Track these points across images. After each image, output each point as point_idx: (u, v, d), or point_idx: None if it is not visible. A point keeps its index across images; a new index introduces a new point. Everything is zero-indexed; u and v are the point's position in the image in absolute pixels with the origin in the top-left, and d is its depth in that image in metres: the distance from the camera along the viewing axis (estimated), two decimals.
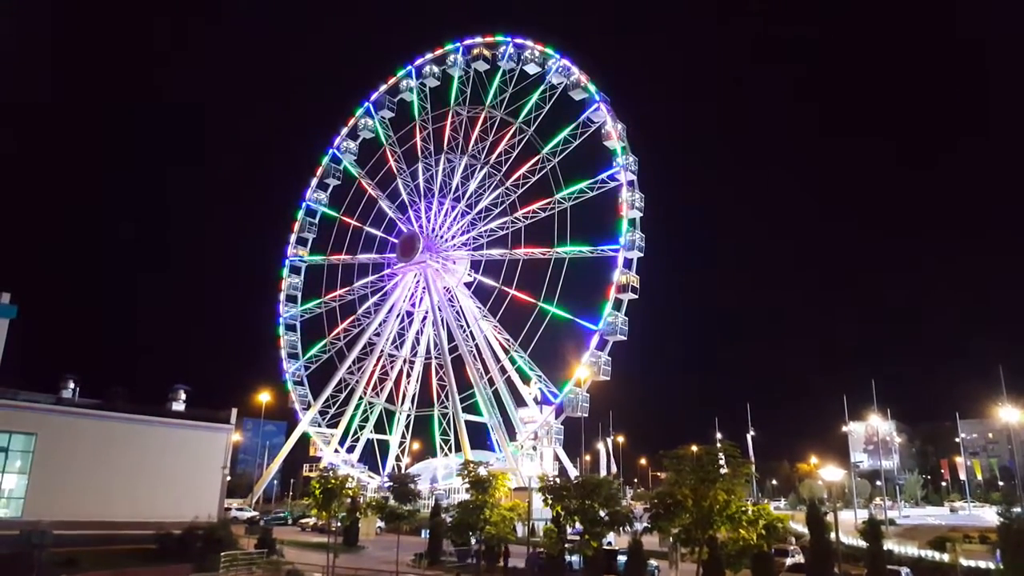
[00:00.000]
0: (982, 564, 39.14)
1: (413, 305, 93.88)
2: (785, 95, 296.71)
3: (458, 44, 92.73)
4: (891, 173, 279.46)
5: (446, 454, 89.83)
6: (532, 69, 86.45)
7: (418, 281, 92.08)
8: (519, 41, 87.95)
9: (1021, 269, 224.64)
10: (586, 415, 79.40)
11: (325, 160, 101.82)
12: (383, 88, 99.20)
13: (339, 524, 42.74)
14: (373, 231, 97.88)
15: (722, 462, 28.35)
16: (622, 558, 41.11)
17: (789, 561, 38.94)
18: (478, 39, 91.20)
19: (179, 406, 52.80)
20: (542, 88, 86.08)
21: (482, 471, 36.49)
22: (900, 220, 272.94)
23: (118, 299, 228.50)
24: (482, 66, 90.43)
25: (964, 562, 38.26)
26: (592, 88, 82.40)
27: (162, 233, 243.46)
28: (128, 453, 46.21)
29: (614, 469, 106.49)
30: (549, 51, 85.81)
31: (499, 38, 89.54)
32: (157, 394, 56.10)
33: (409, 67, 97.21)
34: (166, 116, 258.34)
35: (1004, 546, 28.88)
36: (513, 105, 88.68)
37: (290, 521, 78.98)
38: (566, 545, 38.36)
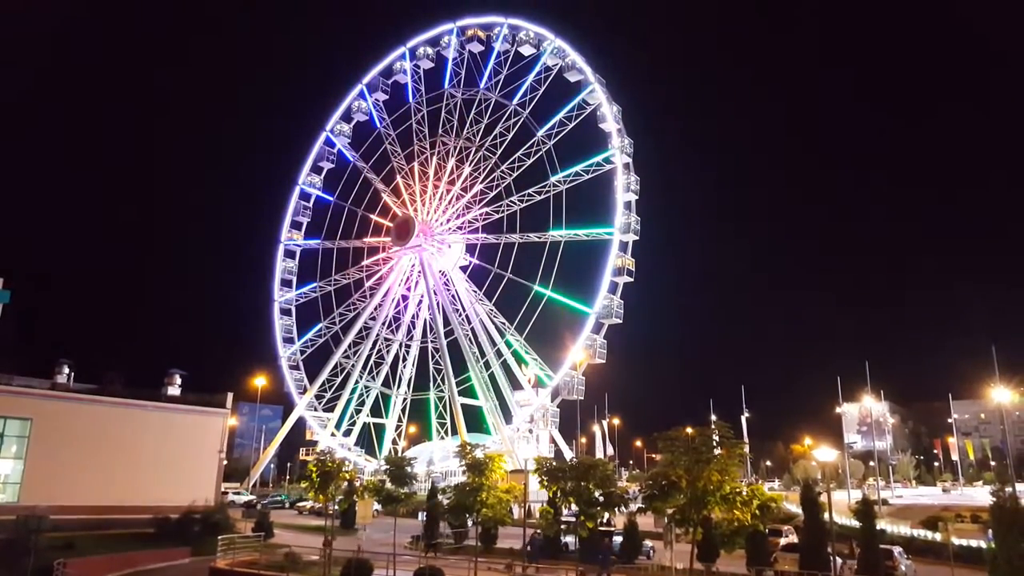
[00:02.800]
0: (974, 543, 39.59)
1: (408, 289, 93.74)
2: (783, 76, 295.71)
3: (452, 25, 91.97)
4: (884, 149, 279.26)
5: (442, 437, 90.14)
6: (527, 50, 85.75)
7: (413, 265, 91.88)
8: (513, 22, 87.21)
9: (1014, 251, 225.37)
10: (582, 398, 79.73)
11: (319, 143, 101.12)
12: (376, 70, 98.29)
13: (336, 507, 42.87)
14: (368, 215, 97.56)
15: (716, 443, 28.44)
16: (617, 539, 41.47)
17: (783, 541, 39.28)
18: (472, 20, 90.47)
19: (174, 391, 52.78)
20: (537, 70, 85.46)
21: (479, 453, 36.53)
22: (893, 200, 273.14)
23: (112, 284, 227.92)
24: (476, 48, 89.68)
25: (956, 541, 38.66)
26: (587, 69, 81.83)
27: (156, 218, 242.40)
28: (124, 438, 46.29)
29: (609, 451, 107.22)
30: (544, 32, 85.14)
31: (494, 19, 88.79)
32: (152, 379, 56.04)
33: (403, 48, 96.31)
34: (160, 100, 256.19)
35: (996, 525, 29.07)
36: (508, 87, 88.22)
37: (287, 504, 79.33)
38: (562, 526, 38.57)
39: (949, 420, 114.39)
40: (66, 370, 50.38)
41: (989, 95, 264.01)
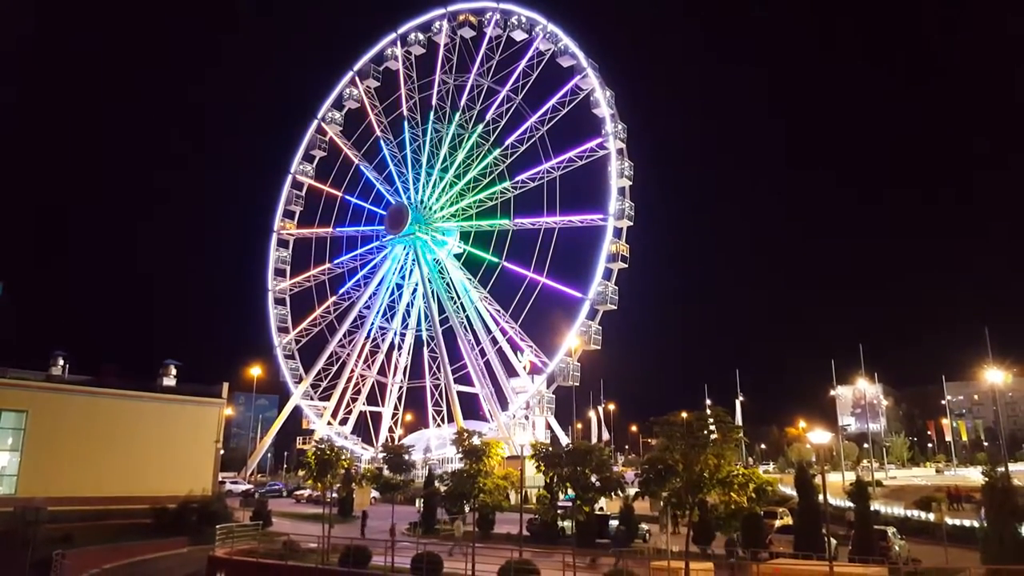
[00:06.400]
0: (967, 523, 39.97)
1: (403, 277, 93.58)
2: (778, 58, 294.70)
3: (443, 11, 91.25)
4: (874, 135, 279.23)
5: (439, 425, 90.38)
6: (519, 36, 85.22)
7: (407, 253, 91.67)
8: (505, 7, 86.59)
9: (1006, 232, 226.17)
10: (577, 384, 79.83)
11: (310, 131, 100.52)
12: (367, 57, 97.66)
13: (334, 495, 42.99)
14: (361, 203, 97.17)
15: (712, 427, 28.54)
16: (614, 523, 41.75)
17: (778, 523, 39.59)
18: (463, 5, 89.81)
19: (169, 381, 52.62)
20: (529, 55, 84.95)
21: (476, 440, 36.64)
22: (886, 184, 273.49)
23: (106, 275, 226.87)
24: (468, 33, 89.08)
25: (949, 521, 39.03)
26: (580, 54, 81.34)
27: (151, 209, 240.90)
28: (121, 429, 46.24)
29: (605, 436, 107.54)
30: (536, 17, 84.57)
31: (485, 4, 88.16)
32: (147, 370, 55.92)
33: (393, 35, 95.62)
34: (152, 92, 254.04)
35: (988, 505, 29.39)
36: (500, 73, 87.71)
37: (285, 493, 79.55)
38: (558, 511, 38.75)
39: (942, 402, 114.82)
40: (61, 362, 50.15)
41: (986, 93, 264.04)
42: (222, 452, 54.06)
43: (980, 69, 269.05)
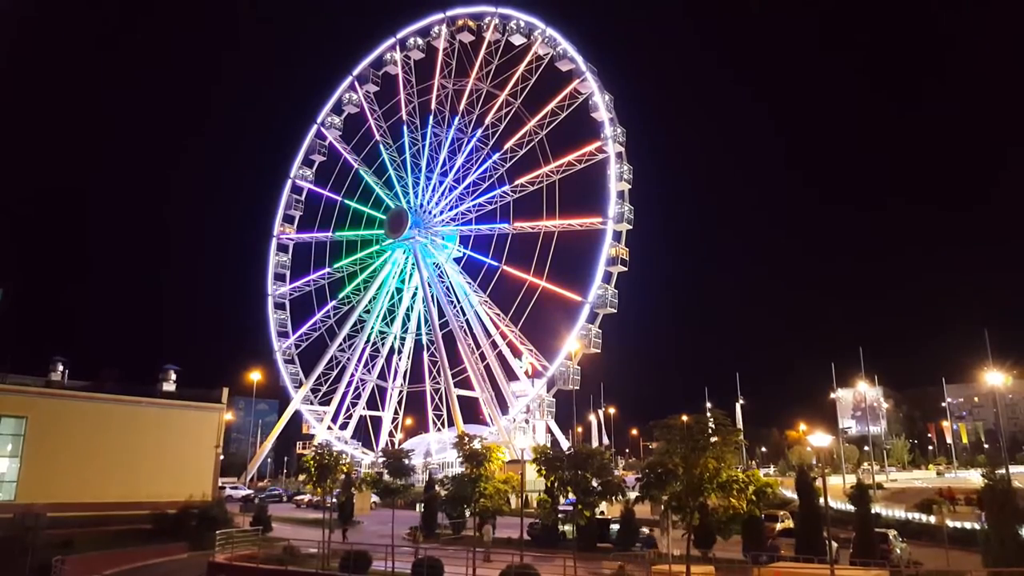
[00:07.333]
0: (967, 525, 39.95)
1: (402, 281, 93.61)
2: (778, 60, 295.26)
3: (442, 15, 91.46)
4: (881, 134, 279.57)
5: (439, 429, 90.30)
6: (518, 40, 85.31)
7: (407, 257, 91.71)
8: (504, 11, 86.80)
9: (1005, 234, 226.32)
10: (577, 387, 79.73)
11: (310, 136, 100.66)
12: (367, 62, 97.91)
13: (334, 500, 42.92)
14: (360, 207, 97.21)
15: (712, 431, 28.50)
16: (615, 527, 41.70)
17: (779, 526, 39.52)
18: (462, 10, 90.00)
19: (169, 386, 52.47)
20: (528, 59, 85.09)
21: (476, 445, 36.63)
22: (887, 184, 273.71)
23: (105, 281, 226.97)
24: (467, 37, 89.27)
25: (950, 523, 39.00)
26: (579, 58, 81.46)
27: (148, 213, 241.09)
28: (120, 434, 46.14)
29: (606, 440, 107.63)
30: (535, 21, 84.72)
31: (484, 8, 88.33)
32: (147, 374, 55.79)
33: (393, 39, 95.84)
34: (147, 90, 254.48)
35: (989, 507, 29.36)
36: (499, 77, 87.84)
37: (285, 498, 79.43)
38: (559, 515, 38.74)
39: (943, 404, 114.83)
40: (60, 367, 50.01)
41: (975, 91, 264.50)
42: (222, 457, 53.91)
43: (982, 73, 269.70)
